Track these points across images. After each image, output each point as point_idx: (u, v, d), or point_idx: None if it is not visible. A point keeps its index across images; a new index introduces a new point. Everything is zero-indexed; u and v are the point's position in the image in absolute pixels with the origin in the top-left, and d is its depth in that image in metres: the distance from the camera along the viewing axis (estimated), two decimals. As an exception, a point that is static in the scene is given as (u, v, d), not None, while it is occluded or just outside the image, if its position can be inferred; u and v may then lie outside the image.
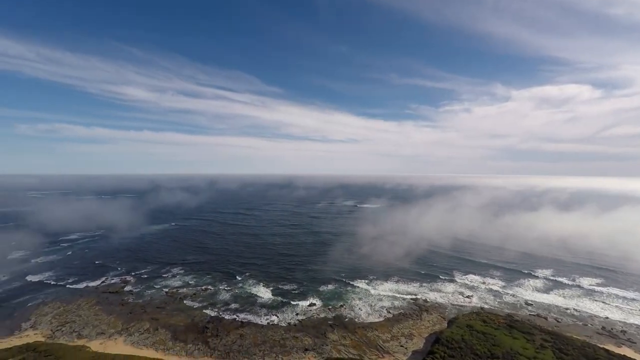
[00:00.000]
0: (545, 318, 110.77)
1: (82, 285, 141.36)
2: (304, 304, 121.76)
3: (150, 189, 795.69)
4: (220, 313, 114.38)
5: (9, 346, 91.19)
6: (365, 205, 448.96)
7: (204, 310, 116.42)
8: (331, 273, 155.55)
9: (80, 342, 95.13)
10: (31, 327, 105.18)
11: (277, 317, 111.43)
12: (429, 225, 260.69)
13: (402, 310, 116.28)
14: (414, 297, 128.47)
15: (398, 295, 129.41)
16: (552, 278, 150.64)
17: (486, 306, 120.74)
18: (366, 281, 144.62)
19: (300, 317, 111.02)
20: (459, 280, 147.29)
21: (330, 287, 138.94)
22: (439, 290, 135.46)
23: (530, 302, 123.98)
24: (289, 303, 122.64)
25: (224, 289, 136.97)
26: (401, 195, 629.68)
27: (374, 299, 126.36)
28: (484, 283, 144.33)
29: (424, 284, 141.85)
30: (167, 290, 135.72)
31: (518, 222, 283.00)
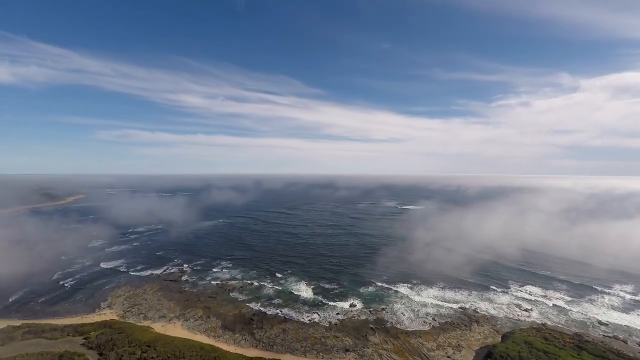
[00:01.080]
0: (625, 342, 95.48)
1: (147, 273, 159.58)
2: (344, 304, 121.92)
3: (203, 188, 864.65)
4: (265, 308, 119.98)
5: (92, 322, 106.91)
6: (409, 207, 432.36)
7: (249, 304, 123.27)
8: (372, 275, 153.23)
9: (146, 324, 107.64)
10: (108, 307, 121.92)
11: (319, 315, 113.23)
12: (481, 231, 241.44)
13: (448, 320, 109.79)
14: (462, 306, 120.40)
15: (444, 304, 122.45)
16: (634, 297, 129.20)
17: (549, 323, 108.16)
18: (409, 286, 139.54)
19: (341, 317, 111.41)
20: (515, 292, 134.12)
21: (371, 289, 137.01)
22: (492, 301, 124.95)
23: (604, 322, 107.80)
24: (330, 303, 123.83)
25: (268, 285, 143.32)
26: (450, 197, 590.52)
27: (418, 305, 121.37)
28: (546, 297, 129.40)
29: (474, 293, 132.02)
30: (217, 282, 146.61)
31: (590, 230, 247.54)
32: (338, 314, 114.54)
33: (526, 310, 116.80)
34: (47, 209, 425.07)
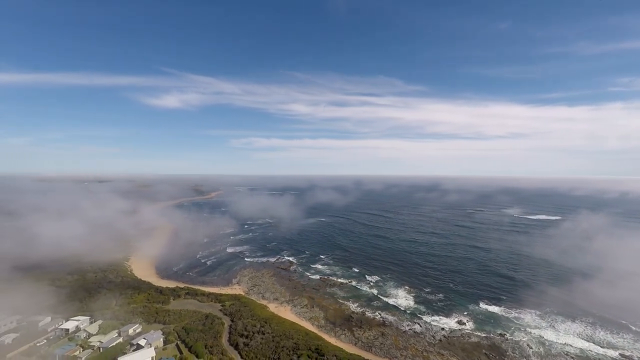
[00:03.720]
0: None
1: (264, 260, 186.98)
2: (450, 320, 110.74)
3: (308, 187, 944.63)
4: (363, 308, 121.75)
5: (226, 293, 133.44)
6: (539, 217, 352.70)
7: (348, 301, 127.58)
8: (484, 293, 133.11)
9: (263, 302, 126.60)
10: (237, 283, 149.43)
11: (420, 326, 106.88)
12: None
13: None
14: (622, 353, 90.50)
15: (593, 346, 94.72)
16: None
17: None
18: (537, 313, 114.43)
19: (446, 334, 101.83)
20: None
21: (483, 307, 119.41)
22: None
23: None
24: (433, 315, 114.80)
25: (366, 285, 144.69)
26: (609, 207, 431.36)
27: (551, 339, 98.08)
28: None
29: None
30: (319, 276, 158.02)
31: None
32: (443, 328, 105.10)
33: None
34: (198, 201, 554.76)
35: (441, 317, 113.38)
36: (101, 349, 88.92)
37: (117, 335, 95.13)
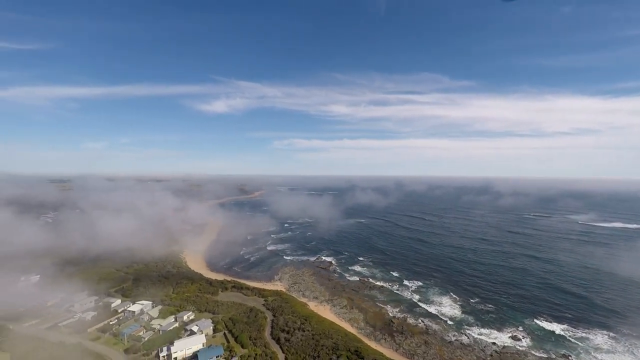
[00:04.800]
0: None
1: (304, 258, 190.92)
2: (502, 334, 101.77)
3: (347, 188, 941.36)
4: (404, 313, 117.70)
5: (268, 289, 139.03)
6: (613, 224, 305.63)
7: (388, 305, 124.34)
8: (542, 308, 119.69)
9: (303, 300, 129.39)
10: (278, 280, 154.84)
11: (468, 338, 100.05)
12: None
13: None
14: None
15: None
16: None
17: None
18: (612, 336, 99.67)
19: (498, 349, 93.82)
20: None
21: (541, 324, 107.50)
22: None
23: None
24: (483, 327, 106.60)
25: (408, 290, 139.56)
26: None
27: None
28: None
29: None
30: (358, 277, 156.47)
31: None
32: (494, 343, 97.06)
33: None
34: (242, 200, 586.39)
35: (492, 330, 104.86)
36: (161, 331, 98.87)
37: (174, 320, 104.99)
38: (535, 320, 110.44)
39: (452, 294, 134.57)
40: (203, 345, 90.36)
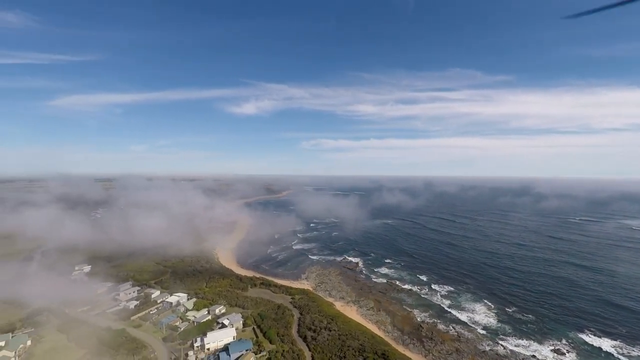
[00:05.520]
0: None
1: (330, 258, 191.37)
2: (543, 347, 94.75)
3: (374, 188, 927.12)
4: (434, 318, 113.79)
5: (295, 287, 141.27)
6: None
7: (417, 309, 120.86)
8: (589, 321, 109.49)
9: (330, 300, 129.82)
10: (305, 279, 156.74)
11: (504, 348, 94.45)
12: None
13: None
14: None
15: None
16: None
17: None
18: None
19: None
20: None
21: (588, 338, 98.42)
22: None
23: None
24: (520, 338, 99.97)
25: (438, 295, 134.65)
26: None
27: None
28: None
29: None
30: (385, 279, 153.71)
31: None
32: (533, 356, 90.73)
33: None
34: (269, 200, 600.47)
35: (531, 342, 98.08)
36: (195, 323, 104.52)
37: (207, 313, 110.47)
38: (581, 334, 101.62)
39: (486, 301, 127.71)
40: (233, 339, 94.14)
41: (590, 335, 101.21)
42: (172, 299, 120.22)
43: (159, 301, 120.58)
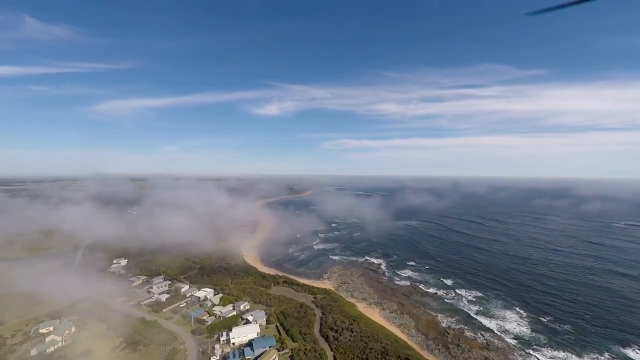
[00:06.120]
0: None
1: (352, 259, 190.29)
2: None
3: (397, 188, 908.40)
4: (461, 324, 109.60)
5: (317, 286, 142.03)
6: None
7: (442, 314, 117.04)
8: (635, 336, 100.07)
9: (352, 300, 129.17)
10: (327, 278, 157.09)
11: (538, 359, 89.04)
12: None
13: None
14: None
15: None
16: None
17: None
18: None
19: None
20: None
21: (632, 354, 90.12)
22: None
23: None
24: (557, 349, 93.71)
25: (465, 300, 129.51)
26: None
27: None
28: None
29: None
30: (409, 282, 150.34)
31: None
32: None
33: None
34: (292, 200, 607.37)
35: (568, 354, 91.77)
36: (221, 317, 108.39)
37: (232, 308, 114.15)
38: (625, 350, 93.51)
39: (517, 309, 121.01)
40: (257, 335, 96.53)
41: (636, 350, 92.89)
42: (200, 293, 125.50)
43: (187, 295, 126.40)
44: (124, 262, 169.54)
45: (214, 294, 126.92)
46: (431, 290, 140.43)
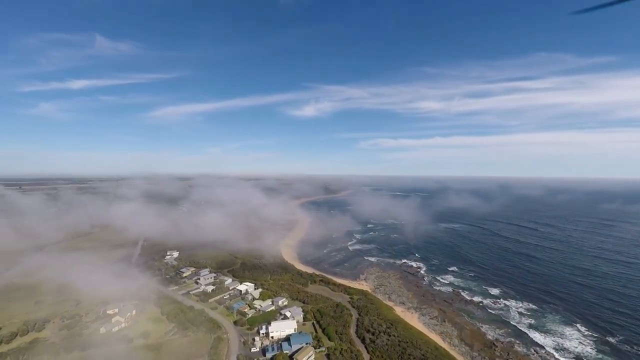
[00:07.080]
0: None
1: (390, 261, 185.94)
2: (664, 392, 76.18)
3: (438, 189, 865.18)
4: (511, 337, 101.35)
5: (354, 287, 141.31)
6: None
7: (489, 324, 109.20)
8: None
9: (389, 303, 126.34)
10: (364, 279, 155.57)
11: (603, 384, 79.06)
12: None
13: None
14: None
15: None
16: None
17: None
18: None
19: (653, 409, 70.92)
20: None
21: None
22: None
23: None
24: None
25: (515, 312, 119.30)
26: None
27: None
28: None
29: None
30: (451, 288, 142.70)
31: None
32: (647, 400, 73.80)
33: None
34: (328, 199, 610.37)
35: (644, 382, 79.83)
36: (261, 311, 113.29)
37: (271, 303, 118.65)
38: None
39: (578, 326, 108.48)
40: (294, 331, 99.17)
41: None
42: (242, 287, 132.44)
43: (230, 288, 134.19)
44: (175, 254, 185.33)
45: (254, 289, 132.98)
46: (476, 298, 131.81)
